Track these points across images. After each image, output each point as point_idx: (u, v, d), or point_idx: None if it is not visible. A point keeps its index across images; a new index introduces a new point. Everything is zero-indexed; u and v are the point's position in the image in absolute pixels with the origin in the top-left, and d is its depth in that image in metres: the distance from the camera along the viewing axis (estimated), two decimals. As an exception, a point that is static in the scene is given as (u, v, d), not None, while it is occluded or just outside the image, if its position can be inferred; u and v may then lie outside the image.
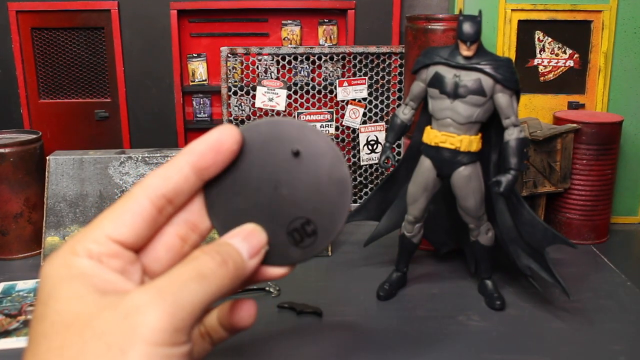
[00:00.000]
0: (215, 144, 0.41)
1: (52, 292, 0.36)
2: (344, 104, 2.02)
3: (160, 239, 0.41)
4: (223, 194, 0.43)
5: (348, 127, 2.04)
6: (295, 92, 2.01)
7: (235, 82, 2.00)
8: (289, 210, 0.43)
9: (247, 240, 0.41)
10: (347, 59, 2.01)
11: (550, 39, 1.90)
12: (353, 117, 2.03)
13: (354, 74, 2.01)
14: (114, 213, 0.40)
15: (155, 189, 0.40)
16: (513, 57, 1.89)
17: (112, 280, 0.37)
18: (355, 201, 2.09)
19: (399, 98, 2.02)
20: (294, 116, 2.02)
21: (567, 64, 1.91)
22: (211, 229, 0.44)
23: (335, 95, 2.01)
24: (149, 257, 0.41)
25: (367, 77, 2.00)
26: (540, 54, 1.91)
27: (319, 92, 2.03)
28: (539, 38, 1.90)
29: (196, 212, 0.43)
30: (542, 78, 1.93)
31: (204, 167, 0.41)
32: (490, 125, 1.38)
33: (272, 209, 0.43)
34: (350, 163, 2.08)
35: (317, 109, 2.03)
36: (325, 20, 2.13)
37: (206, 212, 0.43)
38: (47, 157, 1.69)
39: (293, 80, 2.03)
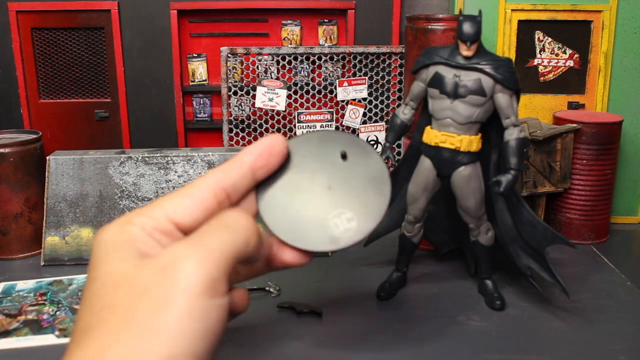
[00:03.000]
0: (269, 147, 0.46)
1: (103, 256, 0.40)
2: (344, 104, 2.02)
3: (200, 203, 0.44)
4: (273, 193, 0.48)
5: (348, 127, 2.04)
6: (295, 92, 2.01)
7: (235, 82, 2.00)
8: (336, 203, 0.49)
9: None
10: (347, 59, 2.01)
11: (550, 39, 1.90)
12: (353, 117, 2.03)
13: (354, 74, 2.01)
14: (175, 197, 0.43)
15: (217, 182, 0.44)
16: (513, 57, 1.89)
17: (155, 247, 0.40)
18: (355, 201, 2.08)
19: (399, 98, 2.02)
20: (294, 116, 2.02)
21: (567, 64, 1.91)
22: None
23: (335, 95, 2.01)
24: (187, 216, 0.44)
25: (367, 77, 2.00)
26: (540, 54, 1.91)
27: (319, 92, 2.03)
28: (539, 38, 1.90)
29: (244, 209, 0.47)
30: (542, 78, 1.93)
31: (259, 167, 0.46)
32: (490, 125, 1.38)
33: (320, 202, 0.49)
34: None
35: (317, 109, 2.02)
36: (325, 20, 2.13)
37: (258, 209, 0.48)
38: (47, 157, 1.69)
39: (293, 80, 2.03)
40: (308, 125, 2.01)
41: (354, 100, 2.01)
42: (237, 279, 0.47)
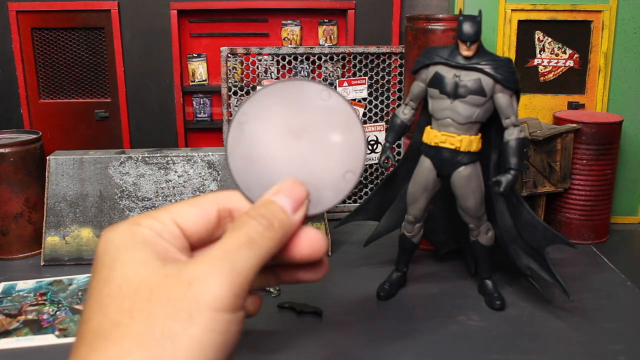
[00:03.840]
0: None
1: (117, 257, 0.39)
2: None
3: (201, 215, 0.44)
4: (246, 166, 0.46)
5: (348, 127, 2.04)
6: (295, 92, 2.00)
7: (235, 82, 2.00)
8: (303, 173, 0.45)
9: (288, 195, 0.43)
10: (347, 59, 2.01)
11: (550, 39, 1.90)
12: (353, 117, 2.03)
13: (354, 74, 2.01)
14: (182, 205, 0.43)
15: (225, 201, 0.44)
16: (513, 57, 1.89)
17: (171, 250, 0.41)
18: (355, 201, 2.09)
19: (399, 98, 2.02)
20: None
21: (567, 64, 1.91)
22: None
23: (335, 95, 2.01)
24: (190, 225, 0.44)
25: (367, 77, 2.00)
26: (540, 54, 1.91)
27: (319, 92, 2.02)
28: (539, 38, 1.90)
29: (234, 202, 0.46)
30: (542, 78, 1.93)
31: None
32: (490, 125, 1.38)
33: (291, 167, 0.45)
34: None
35: (317, 109, 2.02)
36: (325, 20, 2.13)
37: (237, 187, 0.46)
38: (47, 157, 1.69)
39: (293, 80, 2.03)
40: (308, 125, 2.02)
41: (354, 100, 2.01)
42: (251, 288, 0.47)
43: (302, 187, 0.44)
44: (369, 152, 2.05)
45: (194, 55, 2.14)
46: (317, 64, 2.01)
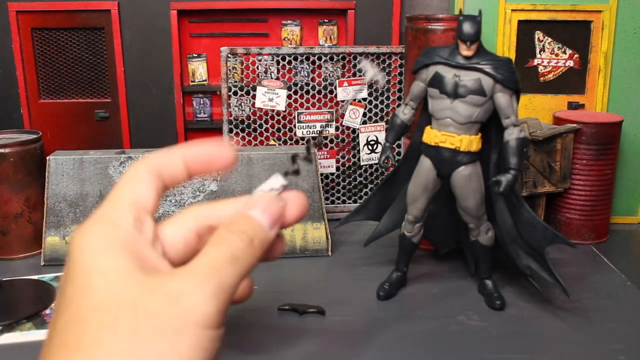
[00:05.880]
0: (210, 157, 0.43)
1: (95, 265, 0.37)
2: (344, 104, 2.02)
3: (180, 232, 0.42)
4: None
5: (348, 127, 2.04)
6: (295, 92, 2.01)
7: (235, 82, 2.00)
8: None
9: (266, 212, 0.42)
10: (347, 59, 2.01)
11: (550, 39, 1.90)
12: (353, 117, 2.03)
13: (354, 74, 2.01)
14: (125, 186, 0.42)
15: (155, 167, 0.42)
16: (513, 57, 1.89)
17: (150, 256, 0.39)
18: (355, 201, 2.09)
19: (399, 98, 2.02)
20: (294, 116, 2.02)
21: (567, 64, 1.91)
22: None
23: (335, 95, 2.01)
24: (168, 244, 0.42)
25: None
26: (540, 54, 1.91)
27: (319, 92, 2.03)
28: (539, 38, 1.90)
29: (215, 218, 0.43)
30: (542, 78, 1.93)
31: (193, 171, 0.43)
32: (490, 125, 1.38)
33: None
34: (350, 163, 2.08)
35: (317, 109, 2.02)
36: (325, 20, 2.13)
37: None
38: (47, 157, 1.69)
39: (293, 80, 2.03)
40: (308, 125, 2.01)
41: (354, 100, 2.01)
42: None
43: (279, 204, 0.43)
44: (369, 152, 2.05)
45: (194, 55, 2.14)
46: (317, 64, 2.01)
